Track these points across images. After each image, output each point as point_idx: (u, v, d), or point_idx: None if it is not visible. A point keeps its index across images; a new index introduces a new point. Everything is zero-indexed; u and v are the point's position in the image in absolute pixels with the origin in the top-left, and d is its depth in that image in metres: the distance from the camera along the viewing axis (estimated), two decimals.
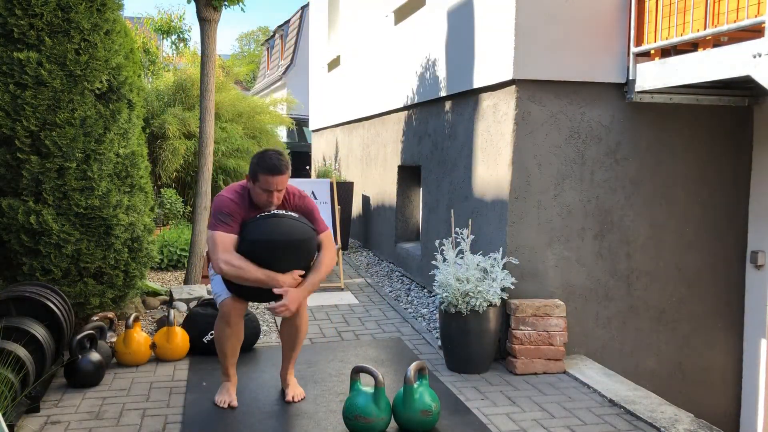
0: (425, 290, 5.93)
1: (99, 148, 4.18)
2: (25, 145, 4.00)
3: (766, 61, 3.17)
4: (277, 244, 3.18)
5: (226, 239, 3.18)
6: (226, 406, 3.43)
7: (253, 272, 3.14)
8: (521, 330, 4.04)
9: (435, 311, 5.28)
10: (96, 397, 3.60)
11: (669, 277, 4.51)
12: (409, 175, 7.01)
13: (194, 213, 5.59)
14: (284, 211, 3.31)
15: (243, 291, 3.28)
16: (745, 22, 3.36)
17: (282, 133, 14.01)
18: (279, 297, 3.22)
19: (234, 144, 8.99)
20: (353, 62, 9.11)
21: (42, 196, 4.05)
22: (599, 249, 4.38)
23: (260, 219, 3.25)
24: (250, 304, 5.54)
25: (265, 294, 3.26)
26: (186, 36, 12.04)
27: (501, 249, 4.23)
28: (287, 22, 29.02)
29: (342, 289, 6.08)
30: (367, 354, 4.35)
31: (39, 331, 3.59)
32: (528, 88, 4.24)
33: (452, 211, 5.04)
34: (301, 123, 15.25)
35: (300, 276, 3.26)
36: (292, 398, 3.53)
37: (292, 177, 3.53)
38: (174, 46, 12.06)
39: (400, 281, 6.39)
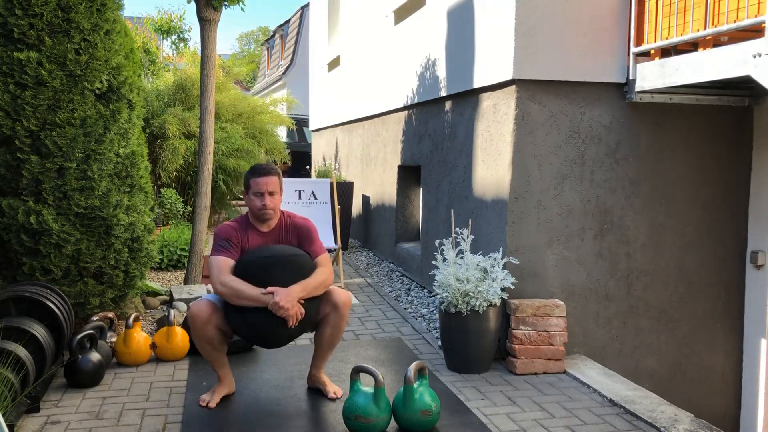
0: (425, 290, 5.93)
1: (99, 148, 4.18)
2: (25, 145, 4.00)
3: (766, 61, 3.17)
4: (270, 260, 3.26)
5: (223, 263, 3.29)
6: (204, 405, 3.44)
7: (248, 291, 3.18)
8: (521, 330, 4.04)
9: (435, 311, 5.28)
10: (96, 397, 3.60)
11: (669, 277, 4.51)
12: (409, 175, 7.01)
13: (194, 213, 5.59)
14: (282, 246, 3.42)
15: (245, 326, 3.28)
16: (745, 22, 3.36)
17: (282, 133, 14.02)
18: (281, 340, 3.33)
19: (234, 144, 8.99)
20: (353, 62, 9.11)
21: (42, 196, 4.05)
22: (599, 249, 4.39)
23: (257, 247, 3.37)
24: None
25: (269, 327, 3.24)
26: (186, 36, 12.04)
27: (501, 249, 4.23)
28: (287, 22, 29.02)
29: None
30: (367, 354, 4.35)
31: (39, 331, 3.59)
32: (528, 88, 4.24)
33: (452, 211, 5.04)
34: (301, 123, 15.25)
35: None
36: (335, 393, 3.57)
37: (292, 177, 3.55)
38: (174, 46, 12.06)
39: (400, 281, 6.39)
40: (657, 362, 4.52)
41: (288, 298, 3.17)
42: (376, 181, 7.87)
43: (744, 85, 4.26)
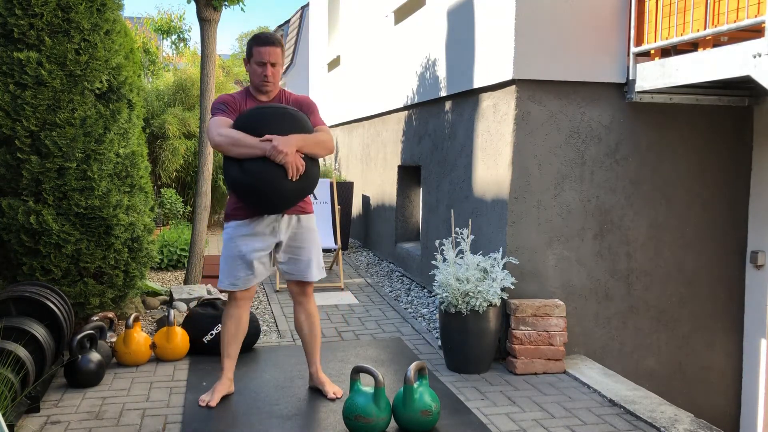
0: (425, 290, 5.93)
1: (99, 148, 4.18)
2: (25, 145, 4.00)
3: (766, 61, 3.17)
4: (268, 110, 3.21)
5: (221, 120, 3.25)
6: (204, 405, 3.43)
7: (245, 139, 3.12)
8: (521, 330, 4.04)
9: (435, 311, 5.28)
10: (96, 397, 3.60)
11: (669, 277, 4.51)
12: (409, 175, 7.01)
13: (194, 213, 5.59)
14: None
15: (244, 175, 3.16)
16: (745, 22, 3.36)
17: None
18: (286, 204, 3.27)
19: None
20: (353, 62, 9.11)
21: (42, 196, 4.05)
22: (599, 249, 4.38)
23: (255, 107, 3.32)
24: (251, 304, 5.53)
25: (267, 177, 3.12)
26: (186, 36, 12.04)
27: (501, 249, 4.23)
28: (287, 22, 29.00)
29: (342, 289, 6.08)
30: (367, 354, 4.35)
31: (39, 331, 3.59)
32: (528, 88, 4.24)
33: (452, 211, 5.04)
34: None
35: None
36: (334, 394, 3.56)
37: None
38: (174, 46, 12.07)
39: (400, 281, 6.39)
40: (657, 362, 4.52)
41: (287, 144, 3.09)
42: (376, 181, 7.86)
43: (744, 85, 4.26)
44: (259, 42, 3.33)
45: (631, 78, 4.26)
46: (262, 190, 3.16)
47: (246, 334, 4.31)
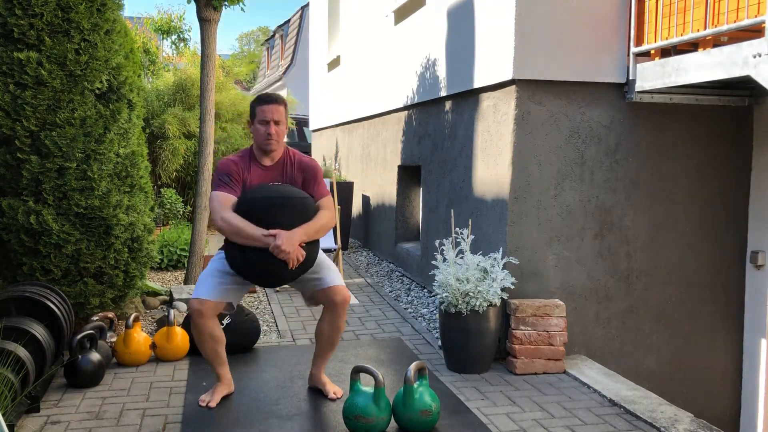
0: (425, 290, 5.93)
1: (99, 148, 4.18)
2: (25, 145, 4.00)
3: (766, 61, 3.17)
4: (274, 201, 3.19)
5: (224, 198, 3.23)
6: (204, 405, 3.43)
7: (249, 230, 3.12)
8: (521, 330, 4.04)
9: (435, 311, 5.28)
10: (96, 397, 3.60)
11: (669, 277, 4.51)
12: (409, 175, 7.01)
13: (194, 213, 5.59)
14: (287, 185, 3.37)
15: (244, 264, 3.22)
16: (745, 22, 3.36)
17: None
18: (280, 280, 3.29)
19: (234, 144, 8.99)
20: (353, 62, 9.11)
21: (42, 196, 4.05)
22: (599, 249, 4.38)
23: (261, 184, 3.31)
24: (249, 304, 5.53)
25: (268, 268, 3.19)
26: (186, 36, 12.03)
27: (501, 249, 4.23)
28: (287, 22, 29.02)
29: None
30: (367, 354, 4.35)
31: (39, 331, 3.59)
32: (528, 88, 4.24)
33: (452, 211, 5.04)
34: (301, 123, 15.26)
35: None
36: (335, 394, 3.56)
37: None
38: (174, 46, 12.06)
39: (400, 281, 6.39)
40: (657, 362, 4.52)
41: (290, 242, 3.11)
42: (376, 181, 7.87)
43: (744, 85, 4.26)
44: (262, 101, 3.32)
45: (631, 78, 4.26)
46: (261, 277, 3.29)
47: (246, 334, 4.34)
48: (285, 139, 3.51)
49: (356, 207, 8.73)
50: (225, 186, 3.25)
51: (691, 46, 4.01)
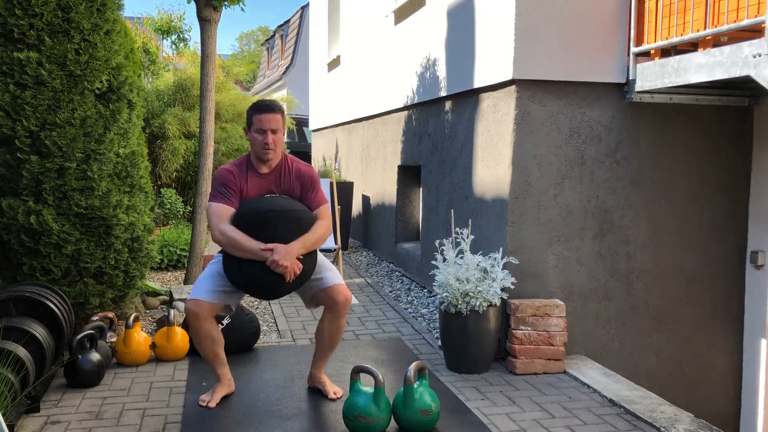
0: (425, 290, 5.93)
1: (99, 148, 4.18)
2: (25, 145, 4.00)
3: (766, 61, 3.17)
4: (270, 214, 3.20)
5: (221, 210, 3.23)
6: (204, 405, 3.43)
7: (247, 244, 3.14)
8: (521, 330, 4.04)
9: (435, 311, 5.28)
10: (96, 397, 3.60)
11: (669, 277, 4.51)
12: (409, 175, 7.01)
13: (194, 213, 5.59)
14: (285, 196, 3.37)
15: (241, 276, 3.24)
16: (745, 22, 3.36)
17: None
18: (277, 293, 3.29)
19: (234, 144, 8.98)
20: (353, 62, 9.11)
21: (42, 196, 4.05)
22: (599, 249, 4.39)
23: (258, 197, 3.32)
24: (249, 304, 5.53)
25: (265, 281, 3.21)
26: (186, 36, 12.02)
27: (501, 249, 4.23)
28: (287, 22, 29.02)
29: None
30: (367, 354, 4.35)
31: (39, 331, 3.59)
32: (528, 88, 4.24)
33: (452, 211, 5.04)
34: (301, 123, 15.25)
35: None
36: (335, 394, 3.56)
37: None
38: (174, 46, 12.05)
39: (400, 281, 6.39)
40: (657, 362, 4.52)
41: (287, 256, 3.13)
42: (376, 181, 7.87)
43: (744, 85, 4.26)
44: (259, 109, 3.31)
45: (631, 78, 4.26)
46: (257, 291, 3.31)
47: (246, 334, 4.34)
48: (285, 139, 3.51)
49: (356, 207, 8.73)
50: (223, 197, 3.26)
51: (691, 46, 4.01)
